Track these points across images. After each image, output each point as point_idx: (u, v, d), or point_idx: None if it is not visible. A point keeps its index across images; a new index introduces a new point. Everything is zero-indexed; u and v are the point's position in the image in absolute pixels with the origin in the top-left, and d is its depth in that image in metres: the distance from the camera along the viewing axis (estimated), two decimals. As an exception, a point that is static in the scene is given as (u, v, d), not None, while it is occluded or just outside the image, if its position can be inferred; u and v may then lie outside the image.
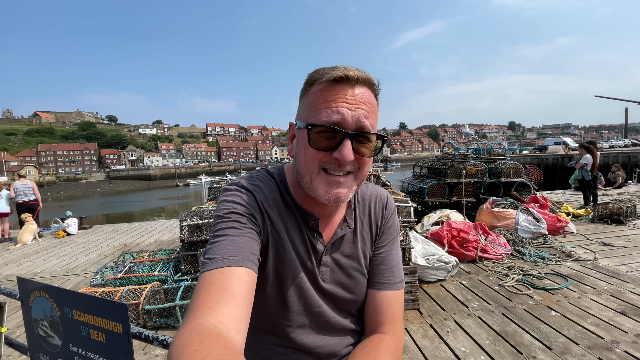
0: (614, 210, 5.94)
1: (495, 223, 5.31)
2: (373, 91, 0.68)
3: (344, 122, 0.63)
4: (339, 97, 0.63)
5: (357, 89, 0.65)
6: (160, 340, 1.11)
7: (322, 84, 0.65)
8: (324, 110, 0.63)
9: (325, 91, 0.65)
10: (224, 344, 0.45)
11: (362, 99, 0.64)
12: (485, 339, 2.49)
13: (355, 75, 0.64)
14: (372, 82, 0.67)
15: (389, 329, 0.77)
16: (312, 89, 0.67)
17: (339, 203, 0.68)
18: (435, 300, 3.20)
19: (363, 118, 0.64)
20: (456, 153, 7.06)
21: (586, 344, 2.35)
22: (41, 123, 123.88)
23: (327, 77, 0.64)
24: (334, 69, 0.65)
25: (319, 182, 0.66)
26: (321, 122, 0.63)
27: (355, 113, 0.63)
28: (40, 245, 6.82)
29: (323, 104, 0.64)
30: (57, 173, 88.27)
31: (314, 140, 0.64)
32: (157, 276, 3.54)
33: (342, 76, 0.63)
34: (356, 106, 0.63)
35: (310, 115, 0.66)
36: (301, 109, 0.70)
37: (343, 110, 0.63)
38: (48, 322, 1.25)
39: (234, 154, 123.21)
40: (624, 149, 26.17)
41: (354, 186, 0.69)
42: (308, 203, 0.75)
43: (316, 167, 0.66)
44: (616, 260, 4.02)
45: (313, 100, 0.66)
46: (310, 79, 0.68)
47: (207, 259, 0.61)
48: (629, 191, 9.94)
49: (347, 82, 0.64)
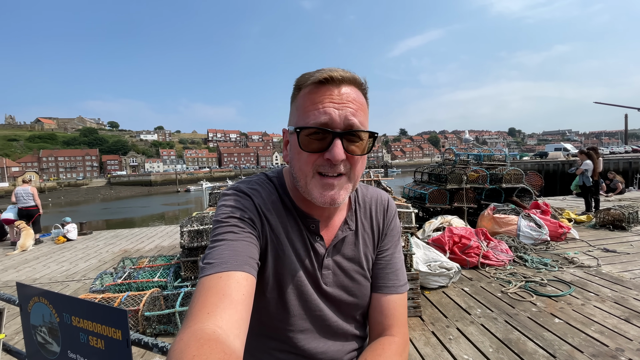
0: (616, 217, 5.91)
1: (496, 229, 5.28)
2: (360, 90, 0.69)
3: (332, 121, 0.63)
4: (325, 98, 0.64)
5: (343, 88, 0.65)
6: (160, 347, 1.10)
7: (308, 87, 0.66)
8: (312, 113, 0.64)
9: (312, 94, 0.66)
10: (222, 349, 0.45)
11: (349, 98, 0.65)
12: (489, 347, 2.45)
13: (339, 75, 0.65)
14: (358, 81, 0.68)
15: (396, 331, 0.76)
16: (300, 93, 0.68)
17: (334, 205, 0.68)
18: (437, 307, 3.17)
19: (351, 116, 0.64)
20: (457, 159, 7.06)
21: (591, 351, 2.32)
22: (43, 129, 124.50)
23: (312, 80, 0.66)
24: (319, 71, 0.66)
25: (313, 185, 0.67)
26: (310, 124, 0.64)
27: (342, 112, 0.64)
28: (39, 251, 6.80)
29: (310, 106, 0.65)
30: (58, 179, 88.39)
31: (304, 144, 0.65)
32: (156, 282, 3.52)
33: (327, 77, 0.64)
34: (343, 105, 0.64)
35: (300, 119, 0.66)
36: (291, 115, 0.72)
37: (330, 110, 0.63)
38: (47, 328, 1.24)
39: (234, 160, 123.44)
40: (625, 155, 26.18)
41: (348, 187, 0.69)
42: (308, 206, 0.75)
43: (310, 170, 0.66)
44: (619, 267, 3.99)
45: (301, 104, 0.67)
46: (297, 84, 0.70)
47: (206, 264, 0.60)
48: (631, 197, 9.91)
49: (332, 83, 0.65)
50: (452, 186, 6.18)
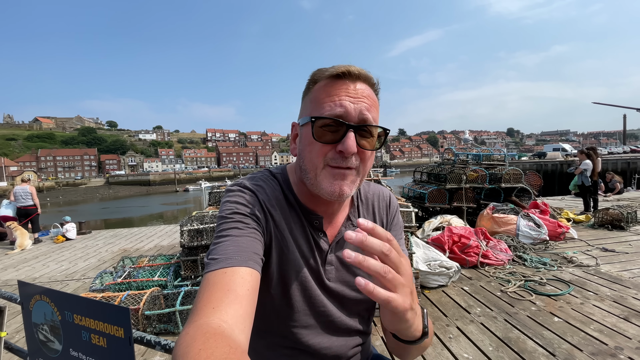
0: (614, 216, 5.93)
1: (496, 229, 5.29)
2: (373, 89, 0.70)
3: (347, 114, 0.64)
4: (342, 91, 0.65)
5: (359, 84, 0.67)
6: (163, 345, 1.10)
7: (324, 80, 0.68)
8: (327, 104, 0.65)
9: (328, 86, 0.67)
10: (228, 343, 0.45)
11: (364, 94, 0.66)
12: (489, 346, 2.46)
13: (357, 71, 0.66)
14: (372, 80, 0.69)
15: None
16: (315, 86, 0.69)
17: (342, 198, 0.68)
18: (437, 306, 3.18)
19: (365, 111, 0.65)
20: (456, 159, 7.07)
21: (590, 350, 2.33)
22: (41, 128, 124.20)
23: (329, 73, 0.67)
24: (336, 66, 0.68)
25: (323, 176, 0.67)
26: (325, 115, 0.65)
27: (357, 106, 0.65)
28: (39, 250, 6.79)
29: (326, 98, 0.66)
30: (56, 178, 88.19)
31: (318, 134, 0.66)
32: (156, 281, 3.52)
33: (345, 71, 0.66)
34: (358, 99, 0.65)
35: (314, 110, 0.67)
36: (304, 107, 0.72)
37: (346, 104, 0.64)
38: (48, 326, 1.24)
39: (233, 160, 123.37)
40: (623, 155, 26.27)
41: (356, 182, 0.70)
42: (311, 202, 0.75)
43: (321, 162, 0.67)
44: (618, 266, 4.00)
45: (316, 96, 0.68)
46: (313, 77, 0.71)
47: (211, 260, 0.61)
48: (629, 197, 9.95)
49: (349, 78, 0.66)
50: (452, 186, 6.20)
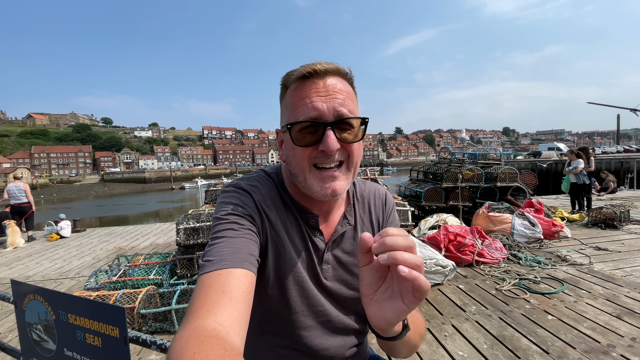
0: (608, 215, 6.00)
1: (491, 227, 5.33)
2: (346, 79, 0.69)
3: (321, 115, 0.64)
4: (312, 92, 0.65)
5: (329, 79, 0.66)
6: (158, 344, 1.09)
7: (294, 84, 0.67)
8: (300, 108, 0.65)
9: (299, 89, 0.66)
10: (223, 345, 0.45)
11: (335, 88, 0.66)
12: (483, 343, 2.48)
13: (323, 67, 0.65)
14: (342, 71, 0.69)
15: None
16: (287, 91, 0.69)
17: (335, 197, 0.68)
18: (432, 305, 3.20)
19: (339, 106, 0.65)
20: (453, 157, 7.11)
21: (583, 347, 2.36)
22: (35, 125, 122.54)
23: (296, 75, 0.67)
24: (302, 66, 0.67)
25: (312, 179, 0.67)
26: (300, 120, 0.64)
27: (330, 104, 0.64)
28: (32, 249, 6.72)
29: (299, 102, 0.66)
30: (50, 175, 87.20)
31: (297, 139, 0.66)
32: (152, 280, 3.50)
33: (310, 71, 0.65)
34: (330, 96, 0.65)
35: (290, 116, 0.67)
36: (282, 114, 0.72)
37: (318, 105, 0.64)
38: (42, 326, 1.23)
39: (230, 158, 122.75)
40: (617, 155, 26.54)
41: (348, 177, 0.70)
42: (307, 201, 0.75)
43: (307, 164, 0.67)
44: (611, 265, 4.05)
45: (289, 101, 0.68)
46: (283, 82, 0.70)
47: (206, 261, 0.60)
48: (622, 196, 10.06)
49: (316, 76, 0.66)
50: (448, 184, 6.22)
